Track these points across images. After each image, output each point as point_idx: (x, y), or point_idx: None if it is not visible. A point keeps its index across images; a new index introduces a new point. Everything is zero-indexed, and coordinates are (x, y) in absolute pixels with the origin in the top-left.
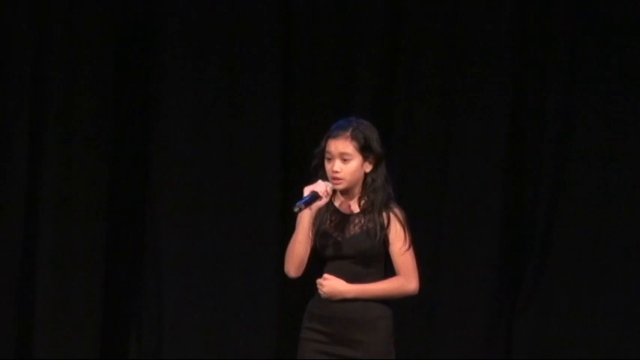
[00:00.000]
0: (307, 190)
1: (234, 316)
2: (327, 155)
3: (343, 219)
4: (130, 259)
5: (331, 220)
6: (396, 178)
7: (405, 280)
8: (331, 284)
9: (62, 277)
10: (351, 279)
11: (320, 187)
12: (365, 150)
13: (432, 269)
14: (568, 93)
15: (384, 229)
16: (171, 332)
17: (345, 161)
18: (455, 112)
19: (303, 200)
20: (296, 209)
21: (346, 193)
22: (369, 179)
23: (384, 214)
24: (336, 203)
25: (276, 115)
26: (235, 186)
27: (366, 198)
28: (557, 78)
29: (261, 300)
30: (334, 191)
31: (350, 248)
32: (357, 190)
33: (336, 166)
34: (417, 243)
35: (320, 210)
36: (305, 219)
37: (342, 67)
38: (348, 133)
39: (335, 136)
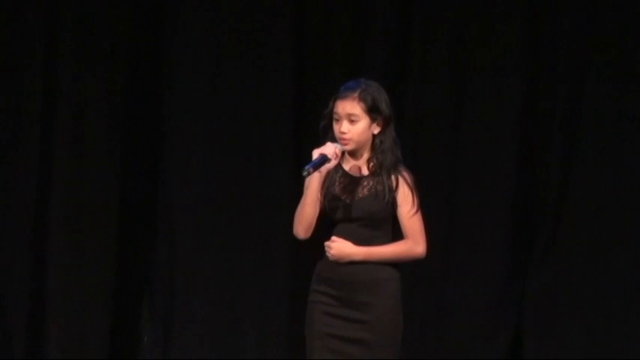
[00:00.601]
0: (316, 153)
1: (247, 285)
2: (334, 116)
3: (352, 181)
4: (143, 228)
5: (339, 182)
6: (409, 140)
7: (413, 243)
8: (339, 246)
9: (74, 246)
10: (359, 241)
11: (329, 149)
12: (373, 111)
13: (445, 233)
14: (580, 58)
15: (393, 191)
16: (183, 304)
17: (353, 122)
18: (467, 76)
19: (312, 164)
20: (304, 173)
21: (354, 155)
22: (377, 141)
23: (393, 177)
24: (345, 166)
25: (289, 83)
26: (248, 156)
27: (374, 160)
28: (569, 46)
29: (273, 267)
30: (343, 153)
31: (358, 210)
32: (366, 152)
33: (343, 127)
34: (429, 207)
35: (328, 172)
36: (314, 181)
37: (353, 41)
38: (356, 94)
39: (343, 97)
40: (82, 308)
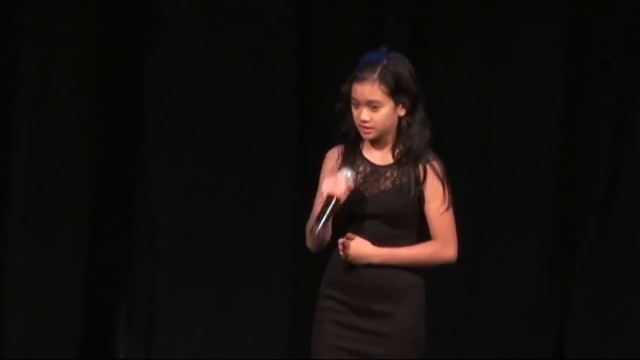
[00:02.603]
0: (326, 191)
1: (242, 291)
2: (353, 101)
3: (373, 171)
4: (120, 221)
5: (359, 171)
6: (435, 126)
7: (442, 245)
8: (357, 246)
9: (38, 243)
10: (379, 241)
11: (340, 186)
12: (396, 93)
13: (475, 230)
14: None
15: (420, 184)
16: (166, 314)
17: (375, 109)
18: (503, 59)
19: (325, 218)
20: (319, 229)
21: (378, 140)
22: (403, 124)
23: (420, 166)
24: (366, 153)
25: (290, 71)
26: (244, 142)
27: (400, 147)
28: (616, 31)
29: (272, 270)
30: (362, 140)
31: (379, 206)
32: (391, 137)
33: (363, 115)
34: (459, 199)
35: (348, 160)
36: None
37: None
38: (376, 76)
39: (361, 80)
40: (47, 317)
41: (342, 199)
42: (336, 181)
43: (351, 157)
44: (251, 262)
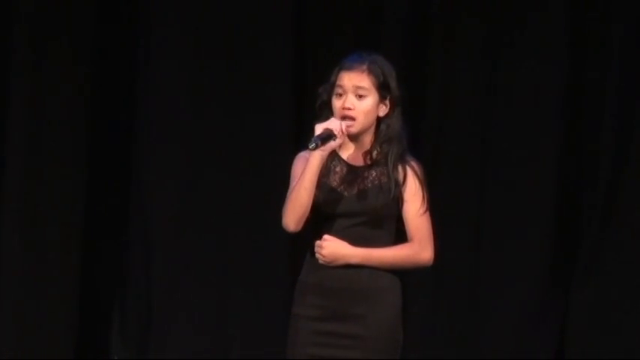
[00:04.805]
0: (319, 128)
1: (237, 302)
2: (337, 90)
3: (351, 171)
4: (114, 222)
5: (336, 172)
6: (433, 129)
7: (419, 247)
8: (333, 246)
9: (29, 255)
10: (356, 242)
11: (334, 124)
12: (382, 88)
13: (474, 235)
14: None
15: (400, 185)
16: (161, 325)
17: (360, 97)
18: (501, 55)
19: (319, 137)
20: (312, 145)
21: (356, 139)
22: (383, 126)
23: (400, 168)
24: (342, 153)
25: (286, 59)
26: (239, 142)
27: (378, 148)
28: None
29: (268, 279)
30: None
31: (358, 205)
32: (369, 137)
33: (348, 102)
34: (457, 204)
35: (329, 155)
36: (315, 162)
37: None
38: (365, 66)
39: (349, 68)
40: (41, 319)
41: (336, 131)
42: (329, 122)
43: (329, 158)
44: (247, 264)
